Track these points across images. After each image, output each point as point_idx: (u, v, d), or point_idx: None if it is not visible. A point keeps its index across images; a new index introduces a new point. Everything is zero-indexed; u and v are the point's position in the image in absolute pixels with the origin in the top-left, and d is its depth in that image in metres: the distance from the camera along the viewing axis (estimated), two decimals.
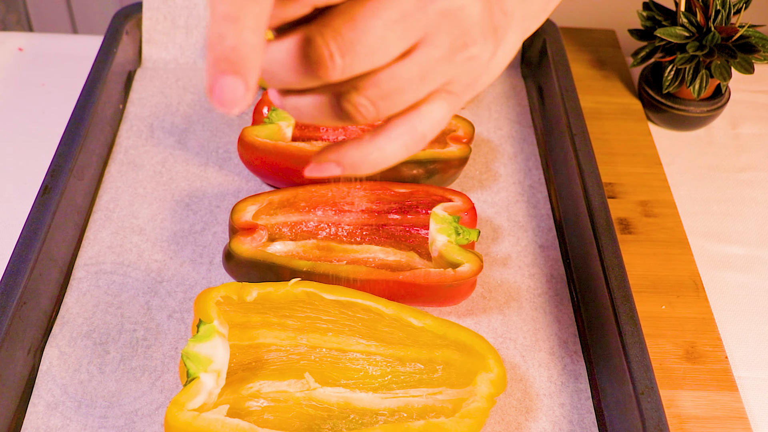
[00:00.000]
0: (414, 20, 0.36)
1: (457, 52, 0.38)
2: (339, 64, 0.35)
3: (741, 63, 0.82)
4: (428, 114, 0.40)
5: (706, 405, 0.65)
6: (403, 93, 0.38)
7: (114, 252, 0.73)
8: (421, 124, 0.40)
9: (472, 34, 0.38)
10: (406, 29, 0.36)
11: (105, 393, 0.63)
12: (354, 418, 0.60)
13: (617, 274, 0.66)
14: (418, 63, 0.37)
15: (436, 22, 0.37)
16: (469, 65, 0.39)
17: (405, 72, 0.37)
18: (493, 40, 0.40)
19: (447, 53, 0.38)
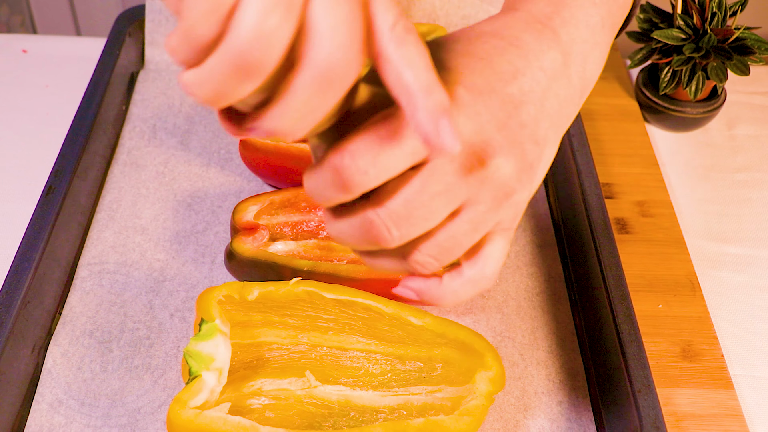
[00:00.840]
0: (456, 189, 0.39)
1: (501, 202, 0.41)
2: (396, 235, 0.39)
3: (737, 65, 0.82)
4: (490, 255, 0.43)
5: (702, 403, 0.65)
6: (460, 245, 0.41)
7: (117, 251, 0.73)
8: (487, 266, 0.43)
9: (510, 185, 0.41)
10: (450, 198, 0.39)
11: (108, 391, 0.63)
12: (354, 416, 0.60)
13: (614, 274, 0.66)
14: (467, 220, 0.41)
15: (476, 187, 0.40)
16: (513, 207, 0.43)
17: (457, 228, 0.41)
18: (529, 176, 0.42)
19: (492, 206, 0.41)
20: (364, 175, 0.37)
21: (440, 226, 0.41)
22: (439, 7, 0.92)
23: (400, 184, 0.39)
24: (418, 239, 0.41)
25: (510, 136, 0.41)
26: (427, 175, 0.39)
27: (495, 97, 0.41)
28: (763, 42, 0.81)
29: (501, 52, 0.42)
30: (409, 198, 0.38)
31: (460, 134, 0.39)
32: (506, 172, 0.41)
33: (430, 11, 0.92)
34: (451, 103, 0.39)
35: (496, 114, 0.41)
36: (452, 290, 0.44)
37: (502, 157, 0.40)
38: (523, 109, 0.42)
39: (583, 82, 0.46)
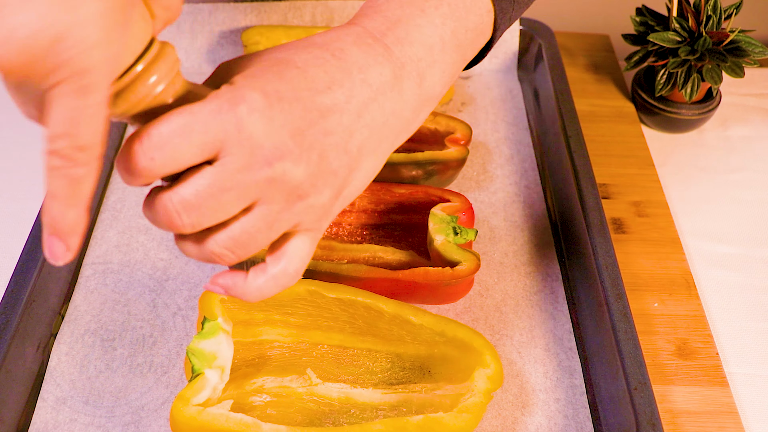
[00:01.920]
0: (245, 187, 0.41)
1: (294, 203, 0.43)
2: (187, 222, 0.41)
3: (731, 67, 0.82)
4: (292, 253, 0.45)
5: (697, 400, 0.65)
6: (254, 240, 0.43)
7: (121, 251, 0.73)
8: (290, 264, 0.45)
9: (302, 188, 0.43)
10: (240, 195, 0.41)
11: (112, 388, 0.63)
12: (355, 413, 0.60)
13: (611, 273, 0.66)
14: (260, 217, 0.42)
15: (264, 187, 0.41)
16: (310, 210, 0.44)
17: (250, 224, 0.42)
18: (331, 183, 0.44)
19: (284, 206, 0.43)
20: (150, 160, 0.39)
21: (234, 219, 0.42)
22: None
23: (193, 173, 0.41)
24: (213, 229, 0.43)
25: (304, 143, 0.42)
26: (217, 170, 0.40)
27: (297, 104, 0.42)
28: (757, 44, 0.81)
29: (321, 63, 0.44)
30: (199, 189, 0.40)
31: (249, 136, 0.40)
32: (295, 176, 0.42)
33: None
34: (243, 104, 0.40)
35: (294, 121, 0.41)
36: (257, 286, 0.45)
37: (290, 161, 0.41)
38: (331, 119, 0.43)
39: (420, 97, 0.47)
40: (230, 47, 0.91)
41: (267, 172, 0.41)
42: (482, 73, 0.93)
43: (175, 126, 0.39)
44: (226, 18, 0.91)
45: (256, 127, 0.40)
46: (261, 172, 0.41)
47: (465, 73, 0.93)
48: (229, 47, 0.91)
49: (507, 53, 0.93)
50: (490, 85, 0.92)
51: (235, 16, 0.91)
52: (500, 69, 0.94)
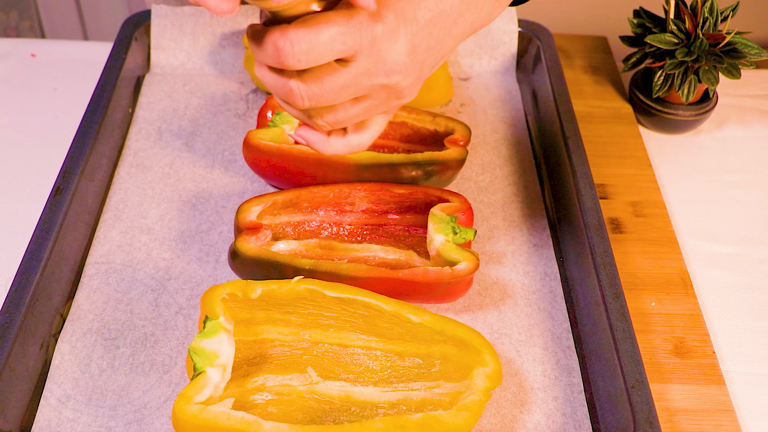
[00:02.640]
0: (362, 88, 0.51)
1: (391, 101, 0.54)
2: (307, 105, 0.51)
3: (728, 68, 0.82)
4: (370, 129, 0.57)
5: (694, 398, 0.65)
6: (351, 120, 0.55)
7: (123, 251, 0.73)
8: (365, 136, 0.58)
9: (403, 93, 0.54)
10: (355, 92, 0.51)
11: (115, 387, 0.63)
12: (355, 411, 0.60)
13: (608, 272, 0.66)
14: (364, 108, 0.53)
15: (377, 88, 0.52)
16: (399, 104, 0.56)
17: (354, 110, 0.53)
18: (420, 84, 0.55)
19: (384, 102, 0.54)
20: (297, 62, 0.47)
21: (341, 105, 0.53)
22: None
23: (323, 71, 0.49)
24: (322, 108, 0.53)
25: (415, 59, 0.52)
26: (345, 72, 0.49)
27: (416, 25, 0.50)
28: (753, 46, 0.81)
29: None
30: (325, 85, 0.50)
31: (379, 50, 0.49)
32: (403, 85, 0.52)
33: None
34: (380, 22, 0.49)
35: (411, 39, 0.51)
36: (334, 146, 0.57)
37: (403, 75, 0.51)
38: (434, 35, 0.52)
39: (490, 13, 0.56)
40: (232, 49, 0.91)
41: (384, 80, 0.51)
42: (481, 75, 0.93)
43: (324, 38, 0.47)
44: (228, 20, 0.91)
45: (384, 45, 0.49)
46: (379, 79, 0.51)
47: (464, 75, 0.93)
48: (230, 49, 0.91)
49: (506, 55, 0.93)
50: (489, 87, 0.92)
51: (237, 18, 0.91)
52: (499, 70, 0.94)
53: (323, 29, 0.47)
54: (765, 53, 0.81)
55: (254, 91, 0.90)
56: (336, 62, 0.50)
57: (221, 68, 0.91)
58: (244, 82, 0.91)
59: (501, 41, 0.92)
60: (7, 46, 0.98)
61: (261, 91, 0.90)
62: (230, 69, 0.91)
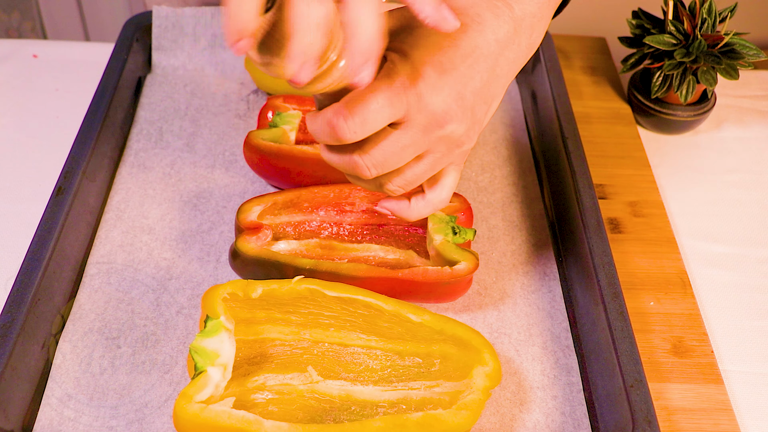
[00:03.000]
0: (420, 143, 0.52)
1: (453, 150, 0.55)
2: (374, 173, 0.53)
3: (726, 69, 0.82)
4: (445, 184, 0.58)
5: (693, 397, 0.65)
6: (420, 179, 0.55)
7: (125, 250, 0.73)
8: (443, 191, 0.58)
9: (461, 140, 0.54)
10: (415, 150, 0.52)
11: (116, 386, 0.63)
12: (355, 410, 0.60)
13: (607, 272, 0.66)
14: (428, 163, 0.54)
15: (435, 142, 0.53)
16: (464, 154, 0.56)
17: (419, 169, 0.54)
18: (476, 130, 0.55)
19: (446, 153, 0.54)
20: (353, 134, 0.49)
21: (406, 166, 0.54)
22: None
23: (380, 137, 0.51)
24: (389, 174, 0.54)
25: (464, 105, 0.52)
26: (402, 134, 0.51)
27: (455, 73, 0.51)
28: (751, 47, 0.81)
29: (464, 30, 0.52)
30: (386, 150, 0.51)
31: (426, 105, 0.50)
32: (459, 133, 0.53)
33: None
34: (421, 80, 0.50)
35: (455, 87, 0.51)
36: (417, 209, 0.59)
37: (456, 123, 0.52)
38: (477, 78, 0.53)
39: (530, 47, 0.57)
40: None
41: (439, 132, 0.52)
42: None
43: (374, 106, 0.49)
44: None
45: (431, 99, 0.51)
46: (435, 132, 0.52)
47: None
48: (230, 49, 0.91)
49: None
50: None
51: None
52: None
53: (371, 99, 0.49)
54: (763, 54, 0.81)
55: (255, 92, 0.90)
56: (390, 127, 0.51)
57: (222, 69, 0.91)
58: (245, 83, 0.91)
59: None
60: (8, 47, 0.98)
61: (261, 91, 0.90)
62: (231, 70, 0.91)
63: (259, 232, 0.67)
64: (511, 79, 0.57)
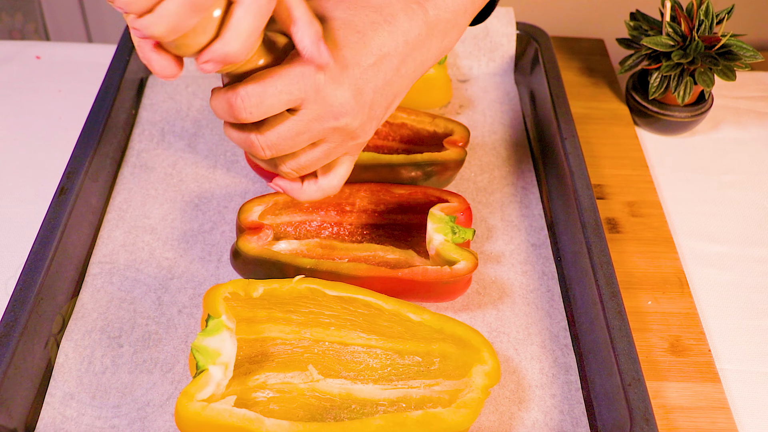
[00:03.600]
0: (315, 132, 0.53)
1: (347, 142, 0.56)
2: (269, 154, 0.54)
3: (723, 70, 0.82)
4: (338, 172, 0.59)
5: (690, 396, 0.65)
6: (314, 165, 0.57)
7: (127, 250, 0.73)
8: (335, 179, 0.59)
9: (356, 133, 0.55)
10: (311, 137, 0.54)
11: (118, 384, 0.63)
12: (355, 408, 0.60)
13: (605, 271, 0.66)
14: (322, 151, 0.56)
15: (329, 132, 0.54)
16: (356, 144, 0.58)
17: (313, 155, 0.56)
18: (374, 125, 0.57)
19: (340, 144, 0.56)
20: (249, 114, 0.50)
21: (302, 151, 0.55)
22: None
23: (277, 121, 0.52)
24: (284, 156, 0.55)
25: (362, 101, 0.54)
26: (297, 120, 0.52)
27: (358, 69, 0.53)
28: (748, 48, 0.81)
29: (375, 28, 0.53)
30: (281, 133, 0.52)
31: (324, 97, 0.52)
32: (353, 126, 0.54)
33: None
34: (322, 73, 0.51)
35: (355, 83, 0.53)
36: (308, 192, 0.59)
37: (351, 116, 0.54)
38: (380, 76, 0.54)
39: (441, 51, 0.58)
40: None
41: (333, 123, 0.53)
42: (480, 77, 0.93)
43: (272, 90, 0.50)
44: None
45: (329, 91, 0.51)
46: (329, 122, 0.53)
47: (463, 77, 0.93)
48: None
49: (504, 57, 0.93)
50: (487, 88, 0.92)
51: None
52: (497, 72, 0.94)
53: (269, 83, 0.50)
54: (760, 55, 0.81)
55: None
56: (287, 112, 0.52)
57: None
58: None
59: (499, 43, 0.92)
60: (12, 49, 0.98)
61: None
62: None
63: (260, 232, 0.67)
64: (416, 79, 0.58)
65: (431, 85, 0.84)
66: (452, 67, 0.93)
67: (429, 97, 0.86)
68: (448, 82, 0.86)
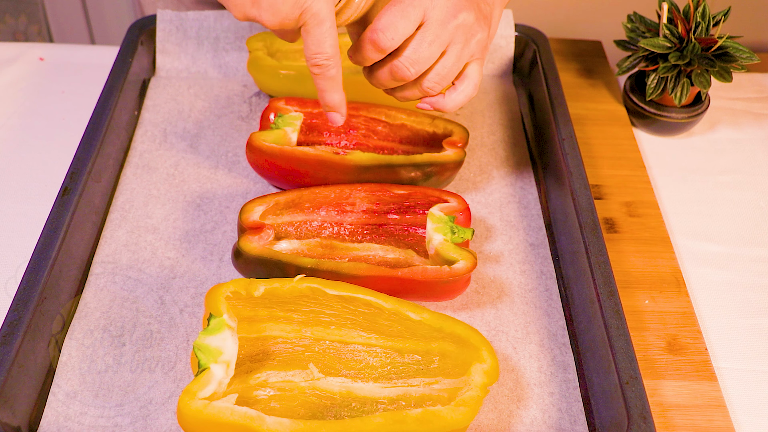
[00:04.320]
0: (442, 36, 0.62)
1: (470, 40, 0.64)
2: (413, 71, 0.63)
3: (720, 72, 0.82)
4: (471, 75, 0.67)
5: (687, 394, 0.65)
6: (451, 72, 0.64)
7: (129, 250, 0.73)
8: (471, 81, 0.67)
9: (474, 28, 0.64)
10: (440, 42, 0.62)
11: (121, 383, 0.63)
12: (355, 406, 0.60)
13: (603, 271, 0.66)
14: (453, 55, 0.64)
15: (454, 32, 0.63)
16: (478, 44, 0.65)
17: (447, 61, 0.64)
18: (486, 23, 0.65)
19: (465, 44, 0.64)
20: (391, 41, 0.60)
21: (437, 62, 0.63)
22: None
23: (410, 40, 0.62)
24: (425, 73, 0.64)
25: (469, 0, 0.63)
26: (426, 30, 0.61)
27: None
28: (744, 50, 0.81)
29: None
30: (416, 47, 0.62)
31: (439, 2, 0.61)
32: (470, 20, 0.63)
33: None
34: None
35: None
36: (452, 100, 0.67)
37: (465, 11, 0.63)
38: None
39: None
40: (235, 53, 0.91)
41: (455, 21, 0.62)
42: None
43: (397, 16, 0.60)
44: (231, 24, 0.91)
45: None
46: (452, 22, 0.62)
47: None
48: (233, 53, 0.91)
49: (503, 58, 0.93)
50: (486, 90, 0.92)
51: (240, 23, 0.91)
52: (496, 74, 0.94)
53: (393, 11, 0.60)
54: (756, 57, 0.81)
55: (257, 94, 0.90)
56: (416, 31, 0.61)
57: (225, 71, 0.91)
58: (247, 85, 0.91)
59: (498, 45, 0.92)
60: (16, 50, 0.98)
61: (263, 93, 0.90)
62: (234, 72, 0.91)
63: (262, 232, 0.67)
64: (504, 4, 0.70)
65: None
66: None
67: None
68: None
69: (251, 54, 0.85)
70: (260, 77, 0.86)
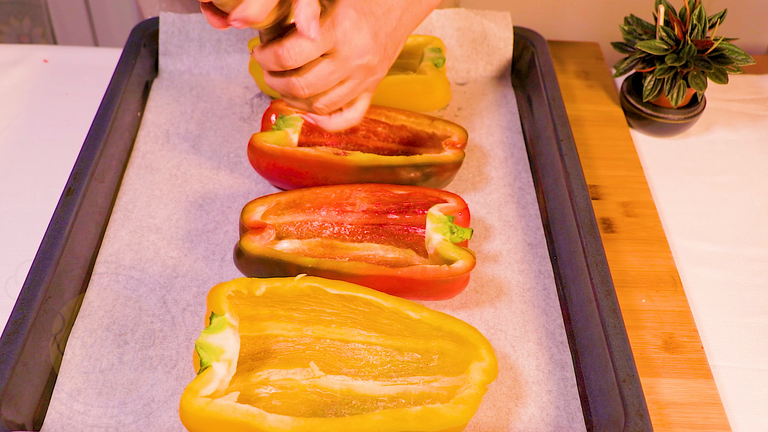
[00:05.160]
0: (344, 70, 0.64)
1: (368, 78, 0.67)
2: (306, 93, 0.64)
3: (716, 74, 0.82)
4: (359, 106, 0.69)
5: (683, 392, 0.65)
6: (342, 100, 0.67)
7: (132, 249, 0.73)
8: (357, 111, 0.69)
9: (375, 69, 0.66)
10: (340, 75, 0.64)
11: (124, 381, 0.63)
12: (356, 404, 0.60)
13: (600, 270, 0.66)
14: (349, 87, 0.66)
15: (355, 69, 0.65)
16: (376, 81, 0.68)
17: (341, 91, 0.66)
18: (387, 64, 0.68)
19: (363, 80, 0.66)
20: (293, 61, 0.60)
21: (332, 89, 0.65)
22: (435, 20, 0.92)
23: (313, 65, 0.62)
24: (318, 94, 0.65)
25: (378, 42, 0.65)
26: (330, 62, 0.63)
27: (373, 17, 0.64)
28: (740, 52, 0.81)
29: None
30: (317, 74, 0.63)
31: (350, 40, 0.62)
32: (374, 62, 0.65)
33: (426, 23, 0.92)
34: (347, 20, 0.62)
35: (372, 28, 0.64)
36: (335, 122, 0.69)
37: (371, 54, 0.64)
38: (389, 24, 0.66)
39: (428, 8, 0.70)
40: (237, 54, 0.91)
41: (359, 60, 0.64)
42: (477, 80, 0.93)
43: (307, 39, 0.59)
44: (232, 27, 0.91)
45: (353, 35, 0.62)
46: (355, 61, 0.64)
47: (461, 80, 0.93)
48: (235, 54, 0.91)
49: (501, 60, 0.93)
50: (485, 91, 0.92)
51: None
52: (495, 75, 0.94)
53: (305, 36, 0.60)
54: (751, 59, 0.81)
55: (259, 96, 0.90)
56: (321, 57, 0.62)
57: (227, 73, 0.91)
58: (249, 87, 0.91)
59: (497, 47, 0.92)
60: (20, 52, 0.98)
61: (265, 95, 0.90)
62: (235, 74, 0.91)
63: (263, 232, 0.67)
64: (412, 30, 0.70)
65: (430, 88, 0.84)
66: (451, 70, 0.93)
67: (428, 100, 0.86)
68: (446, 85, 0.86)
69: (253, 56, 0.85)
70: (262, 79, 0.86)
